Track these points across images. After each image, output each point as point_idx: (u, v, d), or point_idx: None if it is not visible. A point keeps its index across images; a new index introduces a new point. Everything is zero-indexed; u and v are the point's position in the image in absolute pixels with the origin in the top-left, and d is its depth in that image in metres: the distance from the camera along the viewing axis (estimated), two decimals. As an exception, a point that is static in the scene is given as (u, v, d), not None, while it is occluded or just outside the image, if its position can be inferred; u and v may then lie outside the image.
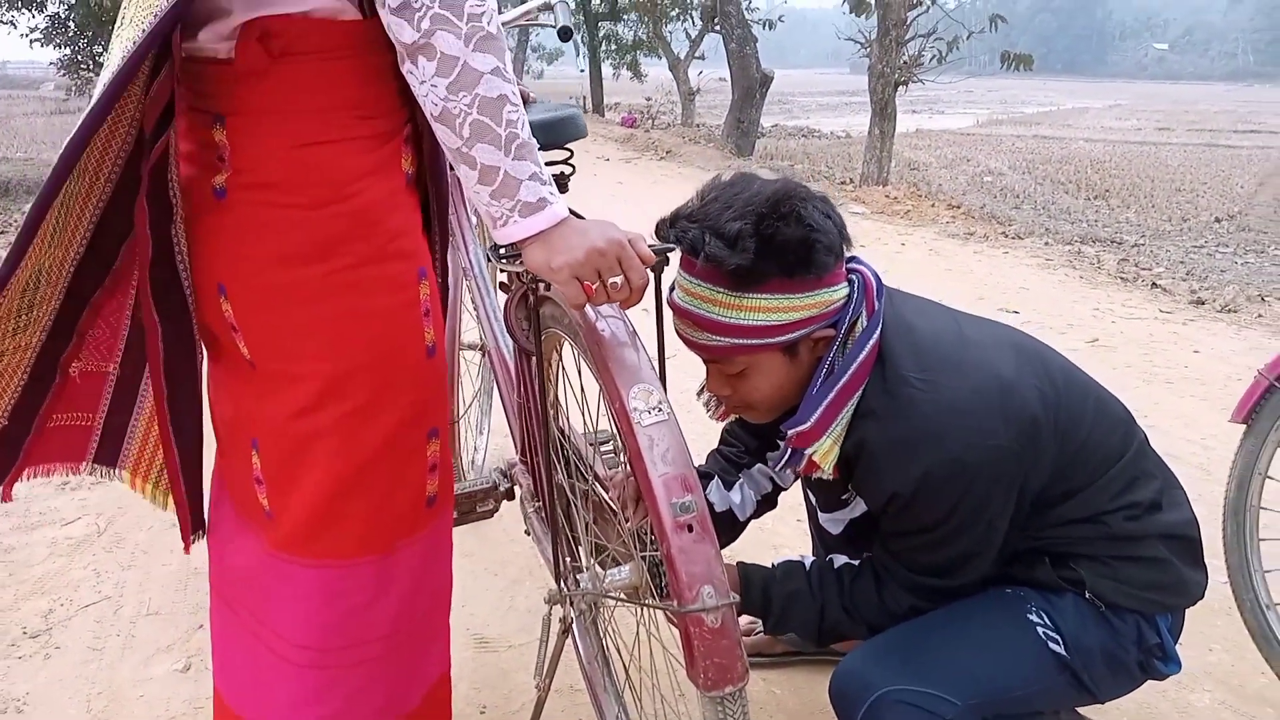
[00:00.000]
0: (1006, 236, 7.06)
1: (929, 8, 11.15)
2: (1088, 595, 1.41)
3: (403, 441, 1.27)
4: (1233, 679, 1.93)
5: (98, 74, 11.41)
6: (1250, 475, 1.79)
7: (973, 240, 6.73)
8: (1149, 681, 1.48)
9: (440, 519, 1.37)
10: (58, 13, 16.56)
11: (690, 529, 1.08)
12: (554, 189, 1.10)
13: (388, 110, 1.21)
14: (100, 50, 16.46)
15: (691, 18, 19.83)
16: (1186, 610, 1.48)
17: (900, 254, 6.19)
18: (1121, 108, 43.56)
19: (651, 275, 1.17)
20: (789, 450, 1.41)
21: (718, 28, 15.87)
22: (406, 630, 1.34)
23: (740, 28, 14.64)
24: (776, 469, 1.54)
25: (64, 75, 17.06)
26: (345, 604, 1.27)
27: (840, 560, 1.50)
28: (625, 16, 21.06)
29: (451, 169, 1.21)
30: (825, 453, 1.36)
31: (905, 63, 10.96)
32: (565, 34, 1.76)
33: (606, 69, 24.12)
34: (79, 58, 16.66)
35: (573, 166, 1.59)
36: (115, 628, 2.11)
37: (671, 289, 1.37)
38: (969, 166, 19.64)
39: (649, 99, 24.22)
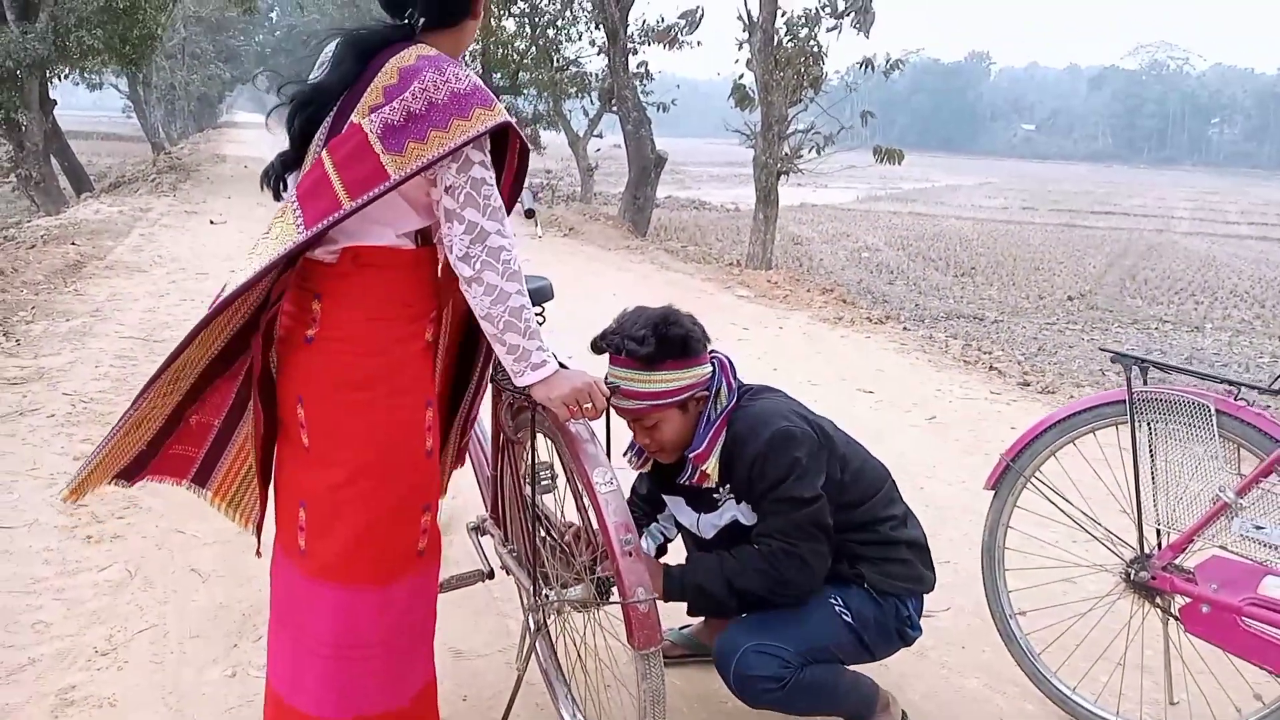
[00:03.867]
0: (870, 321, 8.06)
1: (808, 105, 12.32)
2: (865, 585, 2.28)
3: (404, 511, 2.00)
4: (993, 668, 2.74)
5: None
6: (997, 525, 2.63)
7: (840, 325, 7.70)
8: (931, 667, 2.29)
9: (428, 565, 2.09)
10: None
11: (630, 554, 1.83)
12: (550, 353, 1.86)
13: (421, 303, 1.98)
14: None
15: (590, 97, 20.88)
16: (952, 618, 2.30)
17: (778, 337, 7.09)
18: (992, 185, 46.36)
19: (607, 404, 1.93)
20: (691, 468, 2.24)
21: (615, 109, 16.90)
22: (399, 640, 2.04)
23: (636, 110, 15.64)
24: (664, 516, 2.43)
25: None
26: (356, 616, 1.97)
27: None
28: (525, 91, 21.99)
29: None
30: (711, 466, 2.22)
31: (786, 154, 12.07)
32: (529, 214, 2.51)
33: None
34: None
35: (544, 317, 2.33)
36: (168, 647, 2.72)
37: (606, 379, 2.15)
38: (848, 242, 21.01)
39: (549, 171, 25.17)
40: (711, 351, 2.30)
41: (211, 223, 12.17)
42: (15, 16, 15.39)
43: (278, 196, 1.93)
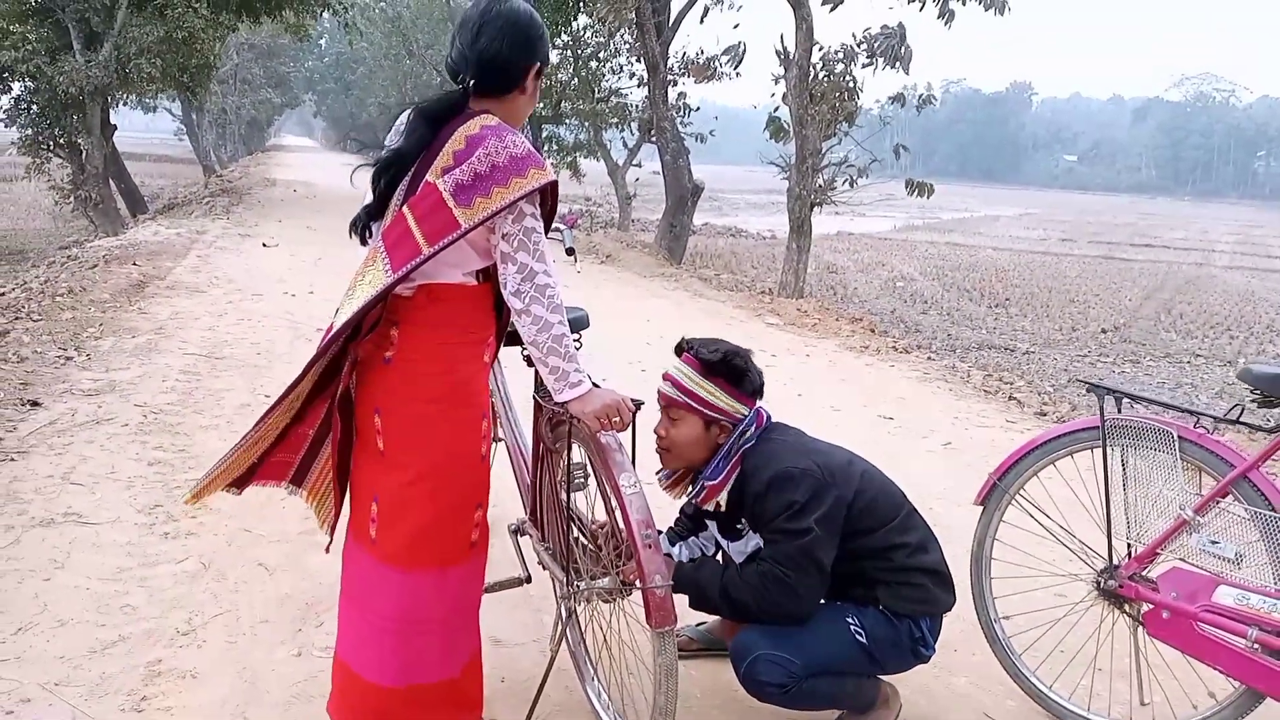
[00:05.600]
0: (896, 350, 8.33)
1: (841, 139, 12.63)
2: (880, 607, 2.49)
3: (462, 507, 2.33)
4: (981, 669, 3.00)
5: (54, 153, 12.71)
6: (985, 537, 2.91)
7: (866, 353, 7.98)
8: (924, 666, 2.57)
9: (479, 554, 2.42)
10: (20, 96, 17.40)
11: (650, 546, 2.14)
12: (586, 374, 2.19)
13: (481, 329, 2.33)
14: (59, 132, 17.38)
15: (630, 127, 21.35)
16: (945, 621, 2.58)
17: (805, 363, 7.39)
18: (1031, 216, 46.24)
19: (633, 418, 2.25)
20: (702, 489, 2.55)
21: (654, 140, 17.31)
22: (453, 618, 2.38)
23: (675, 141, 15.99)
24: (704, 535, 2.75)
25: (23, 154, 17.81)
26: (418, 597, 2.30)
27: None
28: (567, 120, 22.53)
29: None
30: (723, 497, 2.54)
31: (820, 186, 12.37)
32: (570, 252, 2.85)
33: (548, 166, 25.49)
34: (40, 138, 17.47)
35: (580, 343, 2.66)
36: (240, 630, 3.06)
37: (667, 376, 2.56)
38: (883, 271, 21.19)
39: (588, 198, 25.67)
40: (759, 403, 2.62)
41: (264, 245, 12.67)
42: (81, 46, 16.12)
43: (364, 242, 2.29)
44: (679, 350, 2.61)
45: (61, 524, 3.74)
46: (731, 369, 2.53)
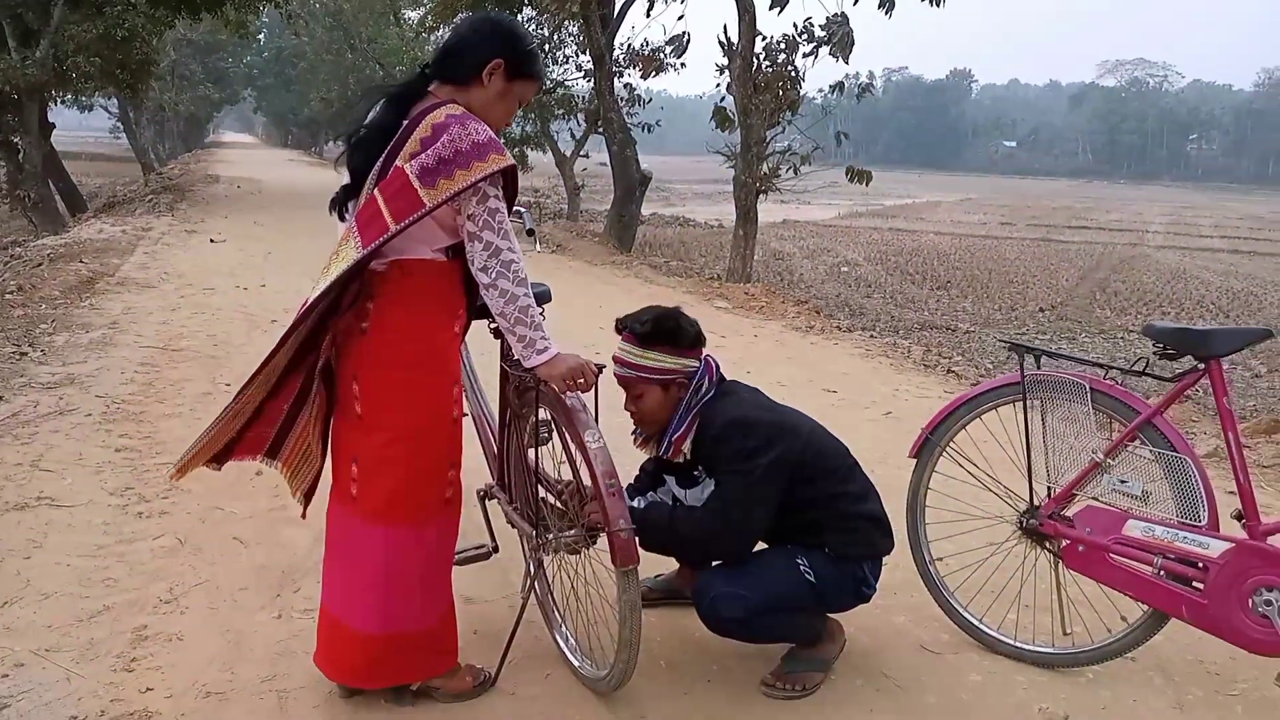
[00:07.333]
0: (839, 330, 8.62)
1: (785, 128, 12.90)
2: (827, 550, 2.73)
3: (436, 466, 2.51)
4: (918, 609, 3.24)
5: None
6: (919, 487, 3.15)
7: (811, 333, 8.25)
8: (867, 606, 2.81)
9: (453, 512, 2.61)
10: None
11: (614, 494, 2.34)
12: (551, 340, 2.37)
13: (452, 302, 2.51)
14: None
15: (576, 118, 21.48)
16: (885, 570, 2.81)
17: (753, 344, 7.63)
18: (972, 202, 46.99)
19: (595, 380, 2.45)
20: (669, 445, 2.74)
21: (601, 130, 17.46)
22: (430, 571, 2.56)
23: (621, 131, 16.15)
24: (662, 489, 2.92)
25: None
26: (397, 549, 2.48)
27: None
28: (514, 112, 22.57)
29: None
30: (687, 446, 2.73)
31: (765, 174, 12.64)
32: (530, 234, 3.04)
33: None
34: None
35: (544, 315, 2.84)
36: (221, 597, 3.21)
37: (616, 358, 2.73)
38: (828, 257, 21.55)
39: (536, 190, 25.75)
40: (705, 354, 2.82)
41: (212, 241, 12.64)
42: (16, 43, 15.87)
43: (342, 218, 2.46)
44: (618, 329, 2.81)
45: (36, 507, 3.84)
46: (665, 332, 2.74)
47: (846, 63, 12.56)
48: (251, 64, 56.19)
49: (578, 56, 20.99)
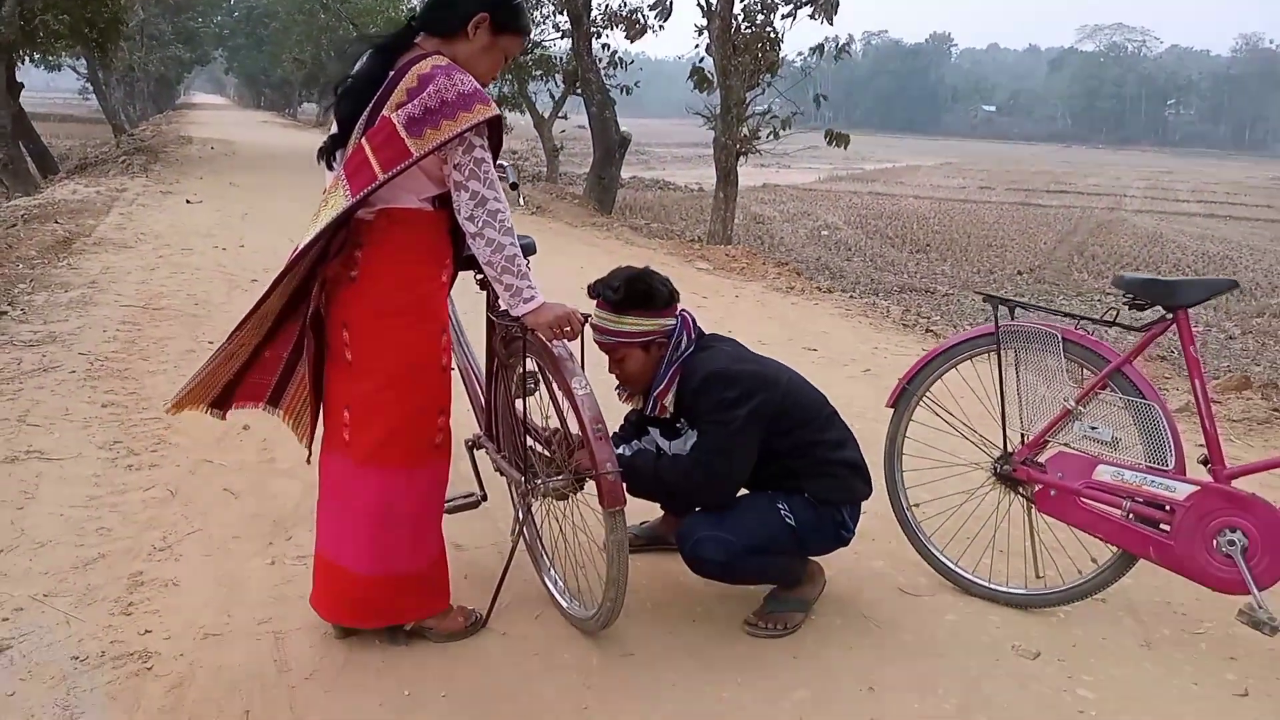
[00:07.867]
0: (820, 290, 8.69)
1: (765, 89, 12.90)
2: (807, 495, 2.81)
3: (425, 411, 2.57)
4: (895, 554, 3.35)
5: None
6: (896, 435, 3.24)
7: (792, 294, 8.33)
8: (846, 550, 2.90)
9: (443, 456, 2.66)
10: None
11: (601, 438, 2.41)
12: (537, 289, 2.43)
13: (439, 252, 2.56)
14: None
15: (555, 79, 21.32)
16: (864, 517, 2.90)
17: (734, 304, 7.70)
18: (951, 166, 47.06)
19: (582, 328, 2.51)
20: (653, 402, 2.80)
21: (579, 92, 17.36)
22: (421, 515, 2.62)
23: (600, 93, 16.10)
24: (646, 440, 2.98)
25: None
26: (390, 493, 2.55)
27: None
28: (492, 73, 22.36)
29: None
30: (669, 401, 2.78)
31: (745, 136, 12.65)
32: (514, 187, 3.07)
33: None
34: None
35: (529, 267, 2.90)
36: (214, 544, 3.26)
37: (590, 319, 2.74)
38: (809, 221, 21.61)
39: (515, 152, 25.58)
40: (680, 309, 2.87)
41: (188, 202, 12.53)
42: (-19, 1, 15.57)
43: (330, 167, 2.49)
44: (591, 295, 2.85)
45: (25, 460, 3.88)
46: (638, 295, 2.78)
47: (831, 24, 12.59)
48: (222, 24, 55.34)
49: (555, 16, 20.78)
